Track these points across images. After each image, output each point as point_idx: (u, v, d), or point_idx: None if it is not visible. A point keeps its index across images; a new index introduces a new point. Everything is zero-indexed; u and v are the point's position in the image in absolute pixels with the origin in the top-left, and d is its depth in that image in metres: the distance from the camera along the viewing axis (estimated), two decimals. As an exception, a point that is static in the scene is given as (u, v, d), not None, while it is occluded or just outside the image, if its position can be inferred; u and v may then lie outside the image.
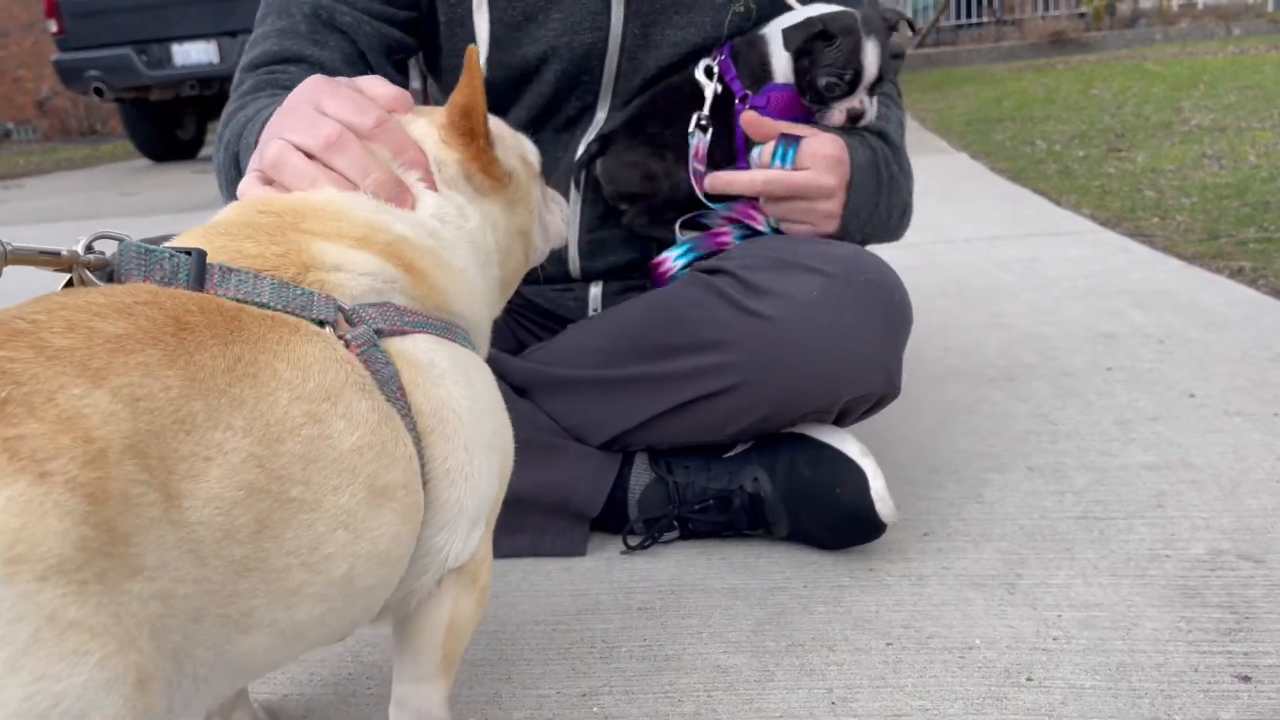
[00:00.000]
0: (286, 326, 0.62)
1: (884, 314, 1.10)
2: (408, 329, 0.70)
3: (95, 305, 0.54)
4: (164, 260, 0.61)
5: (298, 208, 0.73)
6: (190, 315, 0.57)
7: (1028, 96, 7.26)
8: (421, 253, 0.76)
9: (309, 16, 1.21)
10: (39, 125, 17.80)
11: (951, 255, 2.70)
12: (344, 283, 0.69)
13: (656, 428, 1.18)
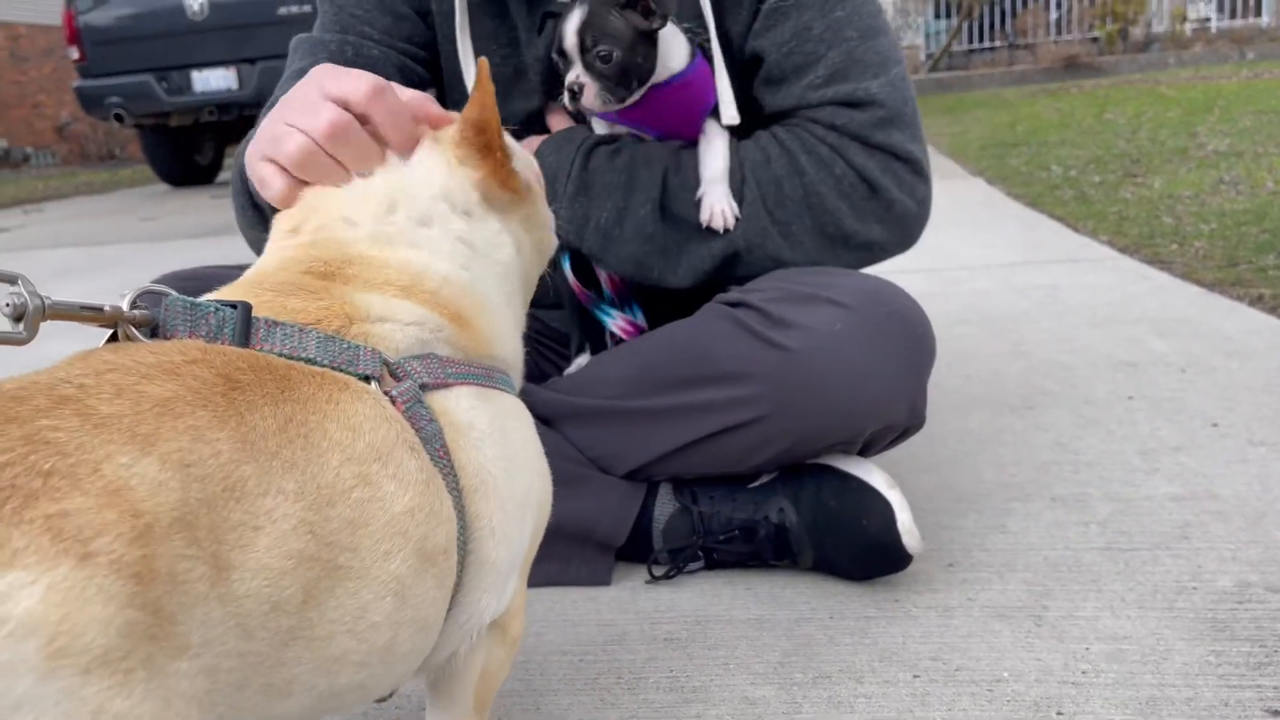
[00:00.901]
0: (336, 384, 0.61)
1: (907, 346, 1.11)
2: (451, 381, 0.70)
3: (143, 366, 0.53)
4: (209, 315, 0.61)
5: (342, 256, 0.73)
6: (240, 374, 0.56)
7: (1042, 121, 7.27)
8: (465, 296, 0.75)
9: (334, 53, 1.26)
10: (58, 150, 18.02)
11: (970, 282, 2.70)
12: (389, 334, 0.68)
13: (680, 459, 1.19)
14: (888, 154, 1.18)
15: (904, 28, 14.53)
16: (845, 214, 1.18)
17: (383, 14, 1.28)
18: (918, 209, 1.22)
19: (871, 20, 1.20)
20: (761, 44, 1.21)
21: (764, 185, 1.18)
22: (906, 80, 1.22)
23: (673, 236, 1.20)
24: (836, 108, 1.18)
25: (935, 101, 10.66)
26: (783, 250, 1.20)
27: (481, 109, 0.77)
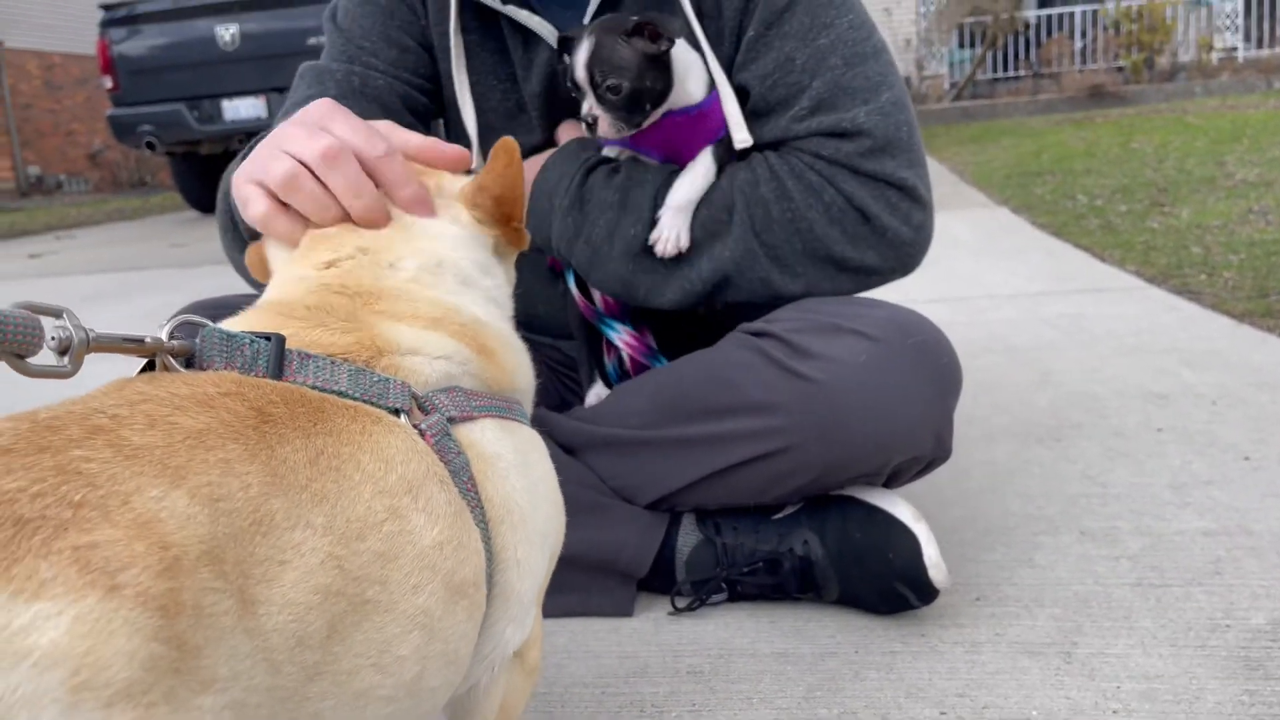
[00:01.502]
0: (369, 417, 0.62)
1: (933, 377, 1.10)
2: (475, 414, 0.70)
3: (177, 398, 0.54)
4: (244, 346, 0.62)
5: (373, 288, 0.73)
6: (273, 406, 0.57)
7: (1067, 150, 7.24)
8: (492, 333, 0.77)
9: (340, 83, 1.27)
10: (90, 177, 18.34)
11: (996, 311, 2.69)
12: (418, 368, 0.69)
13: (704, 489, 1.18)
14: (880, 181, 1.15)
15: (928, 57, 14.56)
16: (836, 240, 1.16)
17: (389, 46, 1.30)
18: (914, 235, 1.18)
19: (859, 46, 1.17)
20: (745, 77, 1.20)
21: (752, 207, 1.16)
22: (900, 104, 1.18)
23: (661, 259, 1.19)
24: (823, 138, 1.16)
25: (960, 130, 10.66)
26: (773, 273, 1.18)
27: (507, 185, 0.80)
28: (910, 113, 1.20)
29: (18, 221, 10.77)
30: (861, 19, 1.20)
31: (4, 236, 8.92)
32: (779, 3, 1.17)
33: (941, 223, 1.21)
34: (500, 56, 1.31)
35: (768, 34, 1.18)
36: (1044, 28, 15.06)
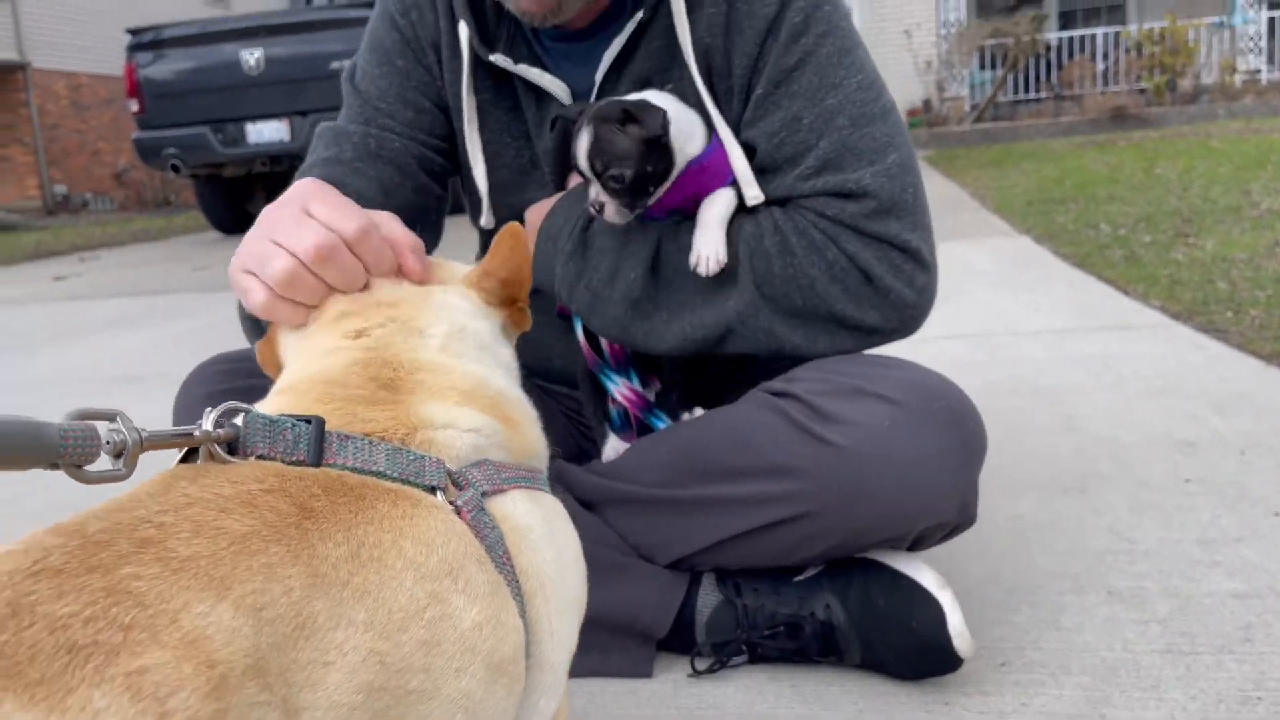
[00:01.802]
0: (409, 500, 0.63)
1: (958, 444, 1.08)
2: (505, 486, 0.71)
3: (222, 499, 0.55)
4: (286, 431, 0.63)
5: (411, 360, 0.75)
6: (315, 500, 0.58)
7: (1089, 175, 7.21)
8: (514, 404, 0.79)
9: (357, 145, 1.29)
10: (116, 196, 18.57)
11: (1020, 349, 2.66)
12: (450, 442, 0.70)
13: (724, 551, 1.17)
14: (883, 243, 1.14)
15: (949, 78, 14.55)
16: (838, 298, 1.15)
17: (404, 107, 1.31)
18: (916, 298, 1.17)
19: (867, 106, 1.17)
20: (752, 135, 1.20)
21: (755, 259, 1.16)
22: (907, 167, 1.17)
23: (660, 302, 1.19)
24: (828, 198, 1.15)
25: (981, 154, 10.63)
26: (776, 325, 1.17)
27: (512, 269, 0.84)
28: (917, 175, 1.19)
29: (43, 241, 10.90)
30: (870, 79, 1.19)
31: (30, 257, 9.03)
32: (788, 61, 1.17)
33: (962, 252, 1.19)
34: (513, 115, 1.31)
35: (776, 92, 1.18)
36: (1065, 50, 15.02)
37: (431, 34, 1.31)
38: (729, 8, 1.18)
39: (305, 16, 8.31)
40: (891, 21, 14.84)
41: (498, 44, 1.29)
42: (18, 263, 8.70)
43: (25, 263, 8.65)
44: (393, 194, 1.28)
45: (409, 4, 1.32)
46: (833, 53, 1.17)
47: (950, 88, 14.57)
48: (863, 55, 1.20)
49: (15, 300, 5.88)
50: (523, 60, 1.27)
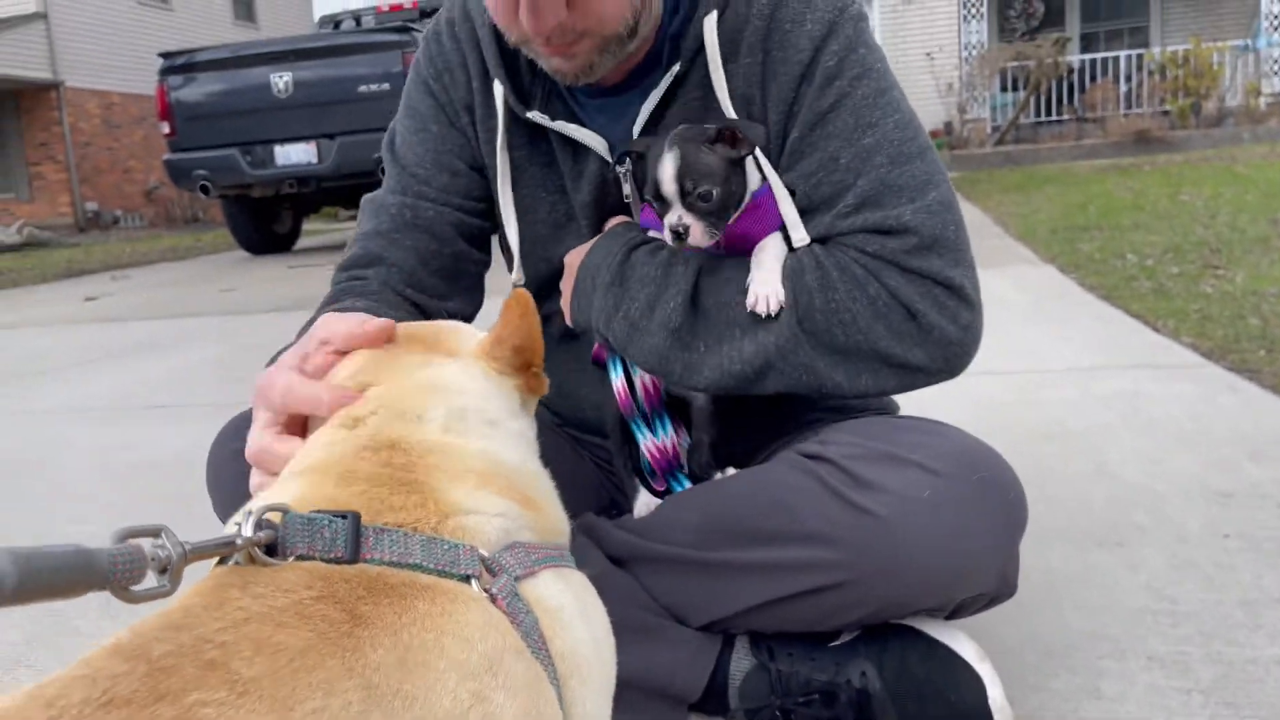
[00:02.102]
0: (446, 595, 0.63)
1: (999, 515, 1.07)
2: (535, 568, 0.72)
3: (277, 611, 0.56)
4: (324, 529, 0.64)
5: (419, 445, 0.75)
6: (362, 604, 0.59)
7: (1114, 201, 7.17)
8: (533, 481, 0.79)
9: (394, 216, 1.33)
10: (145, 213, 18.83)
11: (1049, 389, 2.64)
12: (480, 528, 0.70)
13: (757, 615, 1.16)
14: (926, 279, 1.12)
15: (970, 101, 14.53)
16: (881, 335, 1.13)
17: (441, 172, 1.33)
18: (961, 335, 1.14)
19: (905, 145, 1.16)
20: (790, 178, 1.20)
21: (798, 294, 1.14)
22: (948, 204, 1.16)
23: (699, 333, 1.17)
24: (868, 235, 1.14)
25: (1003, 177, 10.61)
26: (816, 361, 1.15)
27: (524, 335, 0.84)
28: (958, 213, 1.18)
29: (75, 259, 11.04)
30: (907, 119, 1.18)
31: (62, 275, 9.15)
32: (823, 105, 1.17)
33: (988, 281, 1.16)
34: (549, 170, 1.32)
35: (811, 135, 1.18)
36: (1088, 72, 14.99)
37: (464, 96, 1.33)
38: (764, 57, 1.19)
39: (333, 41, 8.42)
40: (914, 44, 14.86)
41: (533, 101, 1.29)
42: (50, 280, 8.82)
43: (57, 281, 8.77)
44: (429, 261, 1.31)
45: (441, 68, 1.34)
46: (868, 94, 1.17)
47: (972, 110, 14.55)
48: (898, 96, 1.20)
49: (47, 321, 5.96)
50: (559, 116, 1.28)
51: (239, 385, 3.62)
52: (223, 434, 1.35)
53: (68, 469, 2.65)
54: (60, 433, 3.07)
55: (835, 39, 1.17)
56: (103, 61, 18.59)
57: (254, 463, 0.91)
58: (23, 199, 18.09)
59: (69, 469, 2.65)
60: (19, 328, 5.77)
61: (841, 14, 1.18)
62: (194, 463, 2.53)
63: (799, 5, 1.18)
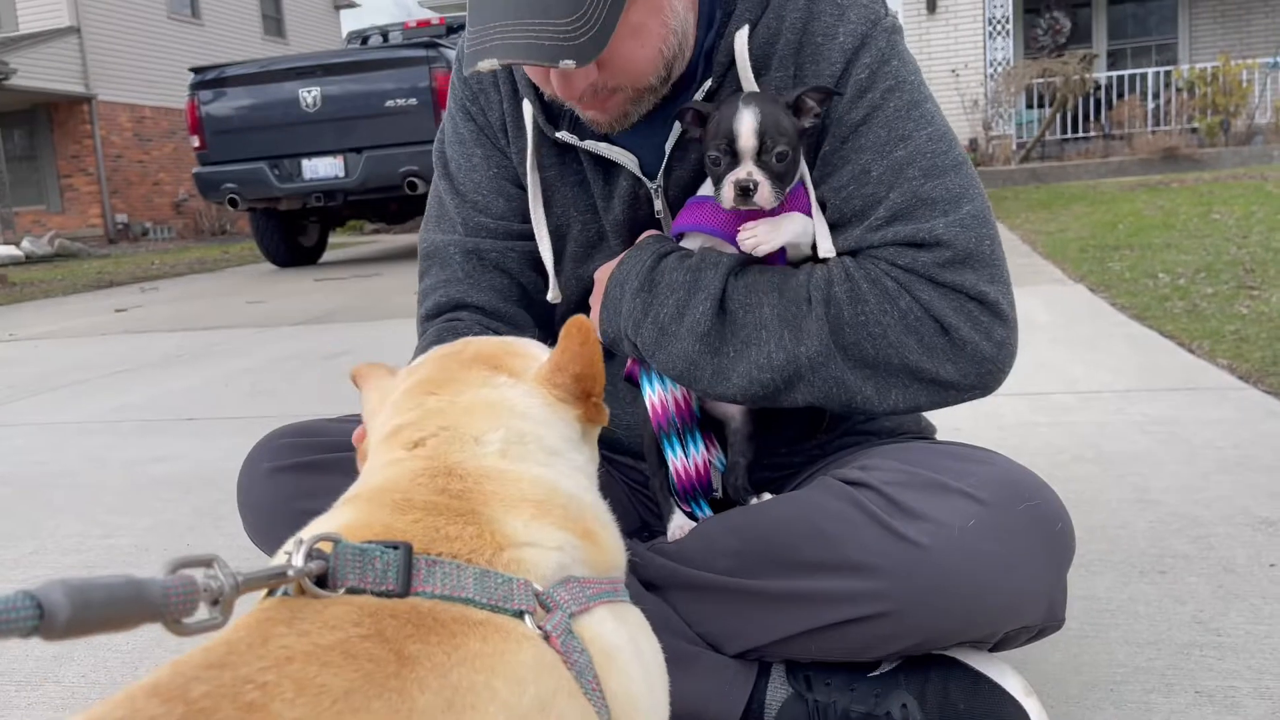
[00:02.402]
0: (499, 633, 0.62)
1: (1047, 545, 1.04)
2: (590, 604, 0.70)
3: (321, 650, 0.54)
4: (375, 560, 0.62)
5: (476, 468, 0.74)
6: (410, 643, 0.57)
7: (1144, 220, 7.09)
8: (591, 513, 0.77)
9: (463, 262, 1.35)
10: (174, 225, 19.04)
11: (1084, 412, 2.60)
12: (536, 561, 0.69)
13: (795, 644, 1.13)
14: (960, 293, 1.10)
15: (995, 118, 14.46)
16: (911, 349, 1.11)
17: (497, 196, 1.34)
18: (995, 352, 1.12)
19: (938, 158, 1.14)
20: (822, 191, 1.18)
21: (830, 305, 1.12)
22: (982, 218, 1.13)
23: (727, 338, 1.15)
24: (900, 248, 1.12)
25: (1029, 194, 10.53)
26: (846, 374, 1.13)
27: (585, 362, 0.82)
28: (993, 228, 1.15)
29: (105, 270, 11.18)
30: (941, 132, 1.17)
31: (92, 286, 9.25)
32: (854, 117, 1.16)
33: (1016, 299, 1.14)
34: (580, 189, 1.32)
35: (843, 148, 1.16)
36: (1114, 89, 14.88)
37: (498, 116, 1.33)
38: (796, 70, 1.18)
39: (361, 57, 8.50)
40: (939, 61, 14.82)
41: (562, 120, 1.29)
42: (80, 291, 8.92)
43: (88, 292, 8.87)
44: (508, 297, 1.35)
45: (475, 90, 1.35)
46: (901, 106, 1.15)
47: (997, 126, 14.48)
48: (932, 109, 1.18)
49: (78, 332, 6.02)
50: (588, 135, 1.27)
51: (266, 398, 3.64)
52: (254, 453, 1.34)
53: (98, 481, 2.66)
54: (91, 445, 3.09)
55: (868, 51, 1.16)
56: (134, 75, 18.86)
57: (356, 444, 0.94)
58: (54, 210, 18.35)
59: (99, 481, 2.66)
60: (51, 338, 5.84)
61: (875, 26, 1.17)
62: (222, 476, 2.55)
63: (831, 18, 1.17)
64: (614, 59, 1.10)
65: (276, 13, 23.11)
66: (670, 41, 1.15)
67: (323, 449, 1.31)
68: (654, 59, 1.15)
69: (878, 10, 1.19)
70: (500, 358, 0.86)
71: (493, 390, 0.81)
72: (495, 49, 1.07)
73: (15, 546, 2.18)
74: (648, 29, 1.12)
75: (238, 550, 1.97)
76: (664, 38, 1.14)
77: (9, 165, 17.05)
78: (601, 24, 1.05)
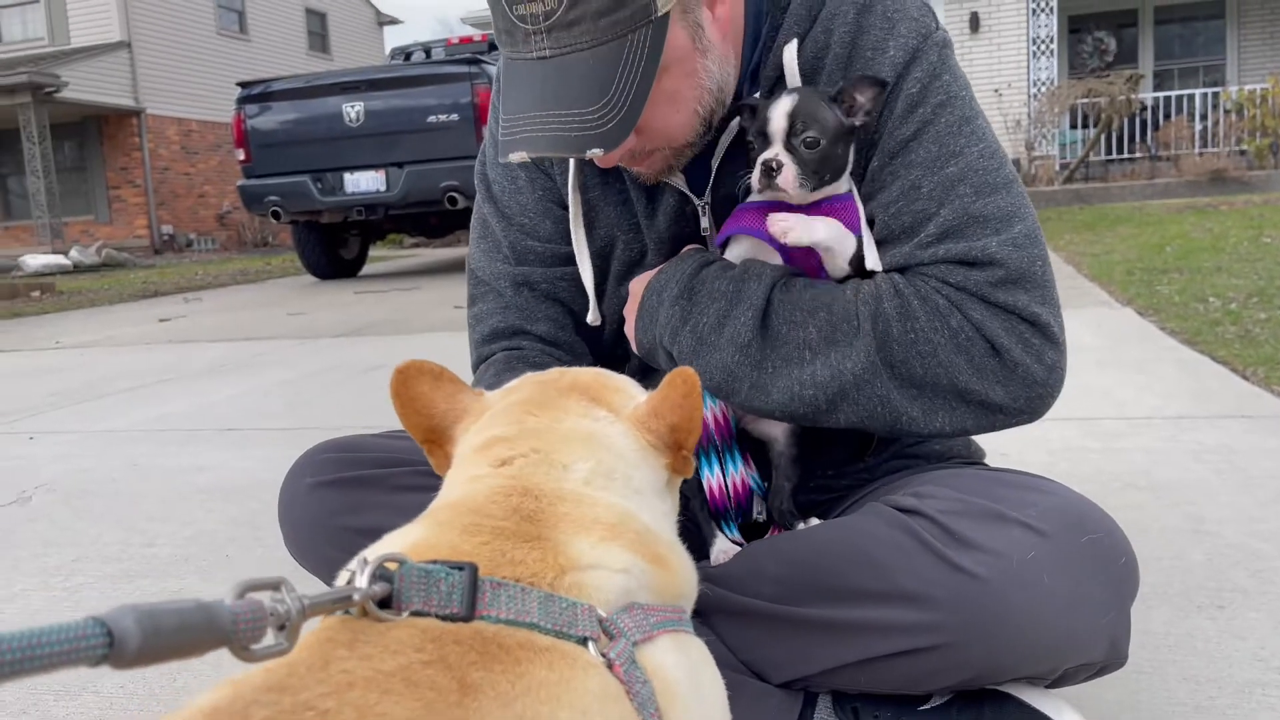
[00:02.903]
0: (564, 661, 0.60)
1: (1111, 580, 1.00)
2: (654, 633, 0.68)
3: (382, 676, 0.53)
4: (440, 582, 0.61)
5: (552, 492, 0.73)
6: (474, 672, 0.56)
7: (1192, 242, 6.96)
8: (664, 540, 0.76)
9: (514, 295, 1.35)
10: (217, 237, 19.36)
11: (1134, 438, 2.54)
12: (601, 585, 0.67)
13: (844, 675, 1.10)
14: (1011, 314, 1.07)
15: (1039, 137, 14.31)
16: (961, 369, 1.08)
17: (543, 218, 1.33)
18: (1045, 375, 1.09)
19: (990, 175, 1.11)
20: (871, 207, 1.16)
21: (878, 320, 1.09)
22: (1034, 238, 1.10)
23: (769, 352, 1.12)
24: (951, 266, 1.09)
25: (1073, 215, 10.40)
26: (893, 394, 1.10)
27: (684, 416, 0.80)
28: (1044, 248, 1.13)
29: (150, 280, 11.37)
30: (993, 149, 1.14)
31: (138, 296, 9.41)
32: (904, 132, 1.13)
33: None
34: (623, 208, 1.30)
35: (892, 164, 1.14)
36: (1161, 110, 14.68)
37: None
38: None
39: (404, 72, 8.59)
40: (981, 80, 14.71)
41: None
42: (126, 301, 9.07)
43: (133, 301, 9.02)
44: (563, 325, 1.35)
45: None
46: (952, 122, 1.13)
47: (1040, 147, 14.32)
48: (983, 125, 1.16)
49: (123, 341, 6.11)
50: None
51: (307, 409, 3.66)
52: (296, 468, 1.34)
53: (140, 490, 2.69)
54: (135, 453, 3.12)
55: (918, 65, 1.13)
56: (182, 89, 19.26)
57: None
58: (102, 221, 18.74)
59: (141, 490, 2.68)
60: (97, 347, 5.93)
61: (925, 40, 1.14)
62: (261, 487, 2.56)
63: (881, 32, 1.15)
64: (649, 126, 1.10)
65: (321, 29, 23.51)
66: (706, 100, 1.14)
67: (365, 464, 1.31)
68: (690, 121, 1.14)
69: (928, 23, 1.16)
70: (597, 390, 0.85)
71: (592, 422, 0.81)
72: (523, 141, 1.07)
73: (58, 553, 2.20)
74: (681, 94, 1.11)
75: (277, 563, 1.97)
76: (699, 98, 1.13)
77: (59, 176, 17.46)
78: (630, 104, 1.04)
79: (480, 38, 10.13)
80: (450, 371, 0.88)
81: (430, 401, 0.85)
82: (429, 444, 0.87)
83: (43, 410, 3.96)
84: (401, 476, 1.31)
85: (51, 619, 0.43)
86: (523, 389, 0.86)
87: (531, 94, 1.06)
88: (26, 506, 2.60)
